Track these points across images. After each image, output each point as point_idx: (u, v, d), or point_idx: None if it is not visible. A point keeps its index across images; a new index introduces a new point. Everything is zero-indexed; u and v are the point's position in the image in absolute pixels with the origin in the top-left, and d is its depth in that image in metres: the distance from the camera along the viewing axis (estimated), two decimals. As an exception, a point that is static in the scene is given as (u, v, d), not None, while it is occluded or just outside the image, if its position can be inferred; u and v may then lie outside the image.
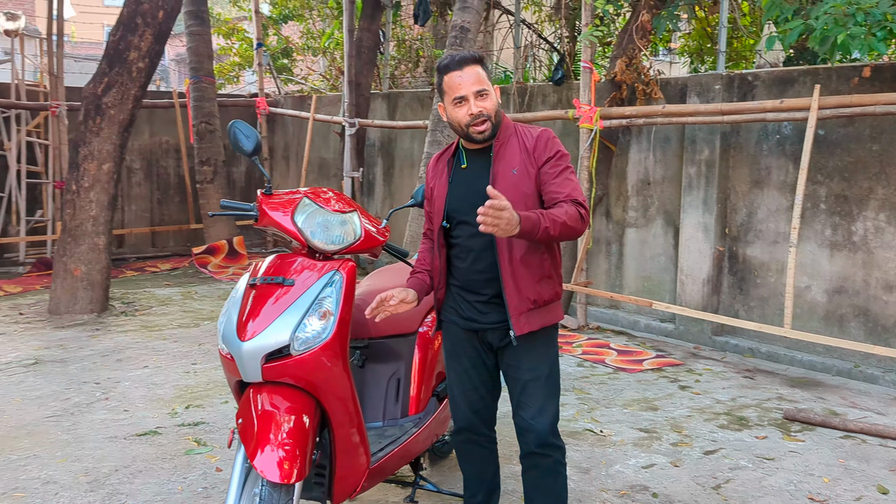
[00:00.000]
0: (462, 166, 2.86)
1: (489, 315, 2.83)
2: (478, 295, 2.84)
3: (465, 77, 2.71)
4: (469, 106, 2.71)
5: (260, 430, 2.64)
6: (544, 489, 2.84)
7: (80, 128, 6.86)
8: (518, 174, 2.74)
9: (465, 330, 2.89)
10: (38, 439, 4.22)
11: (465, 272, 2.85)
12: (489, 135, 2.74)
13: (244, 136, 3.00)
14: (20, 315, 7.02)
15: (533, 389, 2.81)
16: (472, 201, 2.65)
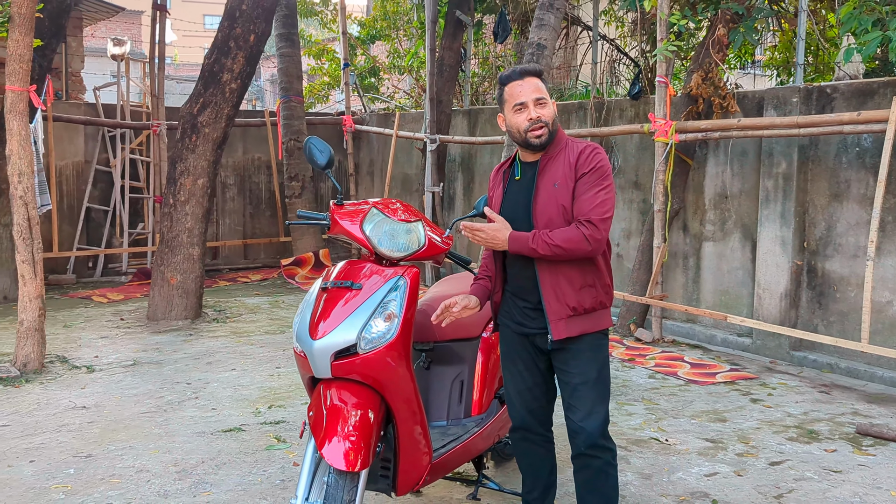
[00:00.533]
0: (516, 178, 3.04)
1: (536, 320, 3.00)
2: (525, 301, 3.02)
3: (525, 86, 2.93)
4: (528, 112, 2.90)
5: (329, 422, 2.85)
6: (594, 489, 2.97)
7: (177, 145, 7.33)
8: (559, 188, 2.91)
9: (517, 334, 3.06)
10: (134, 433, 4.56)
11: (515, 278, 3.05)
12: (545, 140, 2.92)
13: (318, 150, 3.24)
14: (121, 321, 7.51)
15: (582, 392, 2.94)
16: (518, 213, 2.96)
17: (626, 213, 8.09)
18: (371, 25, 13.67)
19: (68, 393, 5.31)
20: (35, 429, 4.61)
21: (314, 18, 13.57)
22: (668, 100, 6.77)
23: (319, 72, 14.42)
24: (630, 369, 6.06)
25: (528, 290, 2.99)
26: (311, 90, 14.32)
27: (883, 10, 5.84)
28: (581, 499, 3.01)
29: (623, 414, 4.97)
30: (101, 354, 6.30)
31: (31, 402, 5.11)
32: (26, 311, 5.71)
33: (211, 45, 7.23)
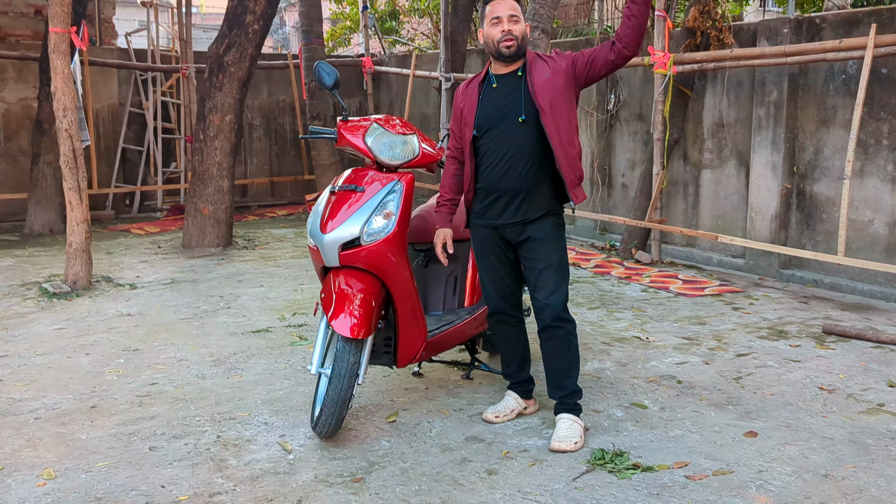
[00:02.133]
0: (493, 86, 3.48)
1: (509, 214, 3.45)
2: (501, 196, 3.45)
3: (502, 5, 3.41)
4: (502, 25, 3.38)
5: (337, 301, 3.40)
6: (560, 355, 3.50)
7: (205, 84, 7.84)
8: (551, 76, 3.38)
9: (489, 229, 3.52)
10: (174, 334, 5.17)
11: (492, 176, 3.46)
12: (514, 51, 3.38)
13: (325, 73, 3.74)
14: (158, 248, 8.13)
15: (546, 275, 3.44)
16: (501, 114, 3.42)
17: (630, 145, 8.49)
18: (390, -32, 13.97)
19: (115, 304, 5.93)
20: (88, 331, 5.24)
21: (335, -37, 13.90)
22: (667, 33, 7.13)
23: (341, 16, 14.78)
24: (625, 285, 6.56)
25: (506, 185, 3.42)
26: (333, 34, 14.72)
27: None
28: (548, 365, 3.55)
29: (611, 319, 5.49)
30: (142, 275, 6.91)
31: (82, 311, 5.74)
32: (74, 233, 6.31)
33: (235, -12, 7.68)
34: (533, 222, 3.45)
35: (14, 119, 10.04)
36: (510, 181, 3.43)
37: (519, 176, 3.41)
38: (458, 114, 3.57)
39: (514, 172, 3.42)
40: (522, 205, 3.44)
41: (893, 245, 6.19)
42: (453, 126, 3.64)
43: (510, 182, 3.43)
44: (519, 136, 3.40)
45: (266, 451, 3.40)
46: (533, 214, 3.44)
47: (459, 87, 3.63)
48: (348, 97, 12.08)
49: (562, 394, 3.52)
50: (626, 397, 4.00)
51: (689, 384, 4.19)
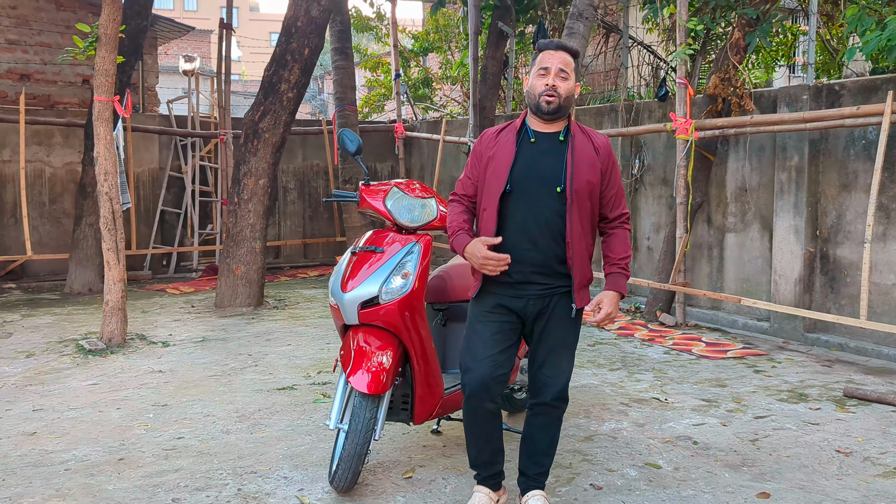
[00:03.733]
0: (531, 140, 3.21)
1: (532, 286, 3.18)
2: (523, 264, 3.15)
3: (555, 57, 3.17)
4: (548, 78, 3.14)
5: (356, 358, 3.53)
6: (546, 432, 3.31)
7: (240, 149, 8.14)
8: (589, 167, 3.13)
9: (504, 296, 3.20)
10: (202, 390, 5.31)
11: (519, 241, 3.15)
12: (553, 109, 3.12)
13: (349, 140, 3.94)
14: (192, 307, 8.34)
15: (559, 354, 3.23)
16: (539, 175, 3.15)
17: (655, 208, 8.60)
18: (424, 38, 14.42)
19: (147, 361, 6.10)
20: (120, 386, 5.41)
21: (370, 33, 14.39)
22: (689, 99, 7.29)
23: (375, 83, 15.23)
24: (648, 347, 6.59)
25: (531, 253, 3.14)
26: (368, 101, 15.15)
27: (883, 11, 6.29)
28: (531, 440, 3.34)
29: (632, 380, 5.52)
30: (175, 333, 7.10)
31: (116, 367, 5.92)
32: (111, 292, 6.54)
33: (270, 58, 8.03)
34: (556, 297, 3.20)
35: (59, 182, 10.45)
36: (540, 251, 3.16)
37: (549, 246, 3.15)
38: (484, 162, 3.26)
39: (545, 242, 3.15)
40: (550, 276, 3.19)
41: (918, 309, 6.18)
42: (470, 173, 3.34)
43: (539, 252, 3.16)
44: (554, 204, 3.12)
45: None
46: (560, 289, 3.20)
47: (486, 132, 3.36)
48: (381, 161, 12.39)
49: (538, 471, 3.34)
50: (641, 457, 4.04)
51: (705, 445, 4.21)
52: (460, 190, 3.39)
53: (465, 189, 3.38)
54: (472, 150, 3.35)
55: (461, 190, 3.39)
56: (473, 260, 3.16)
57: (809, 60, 7.05)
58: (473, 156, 3.34)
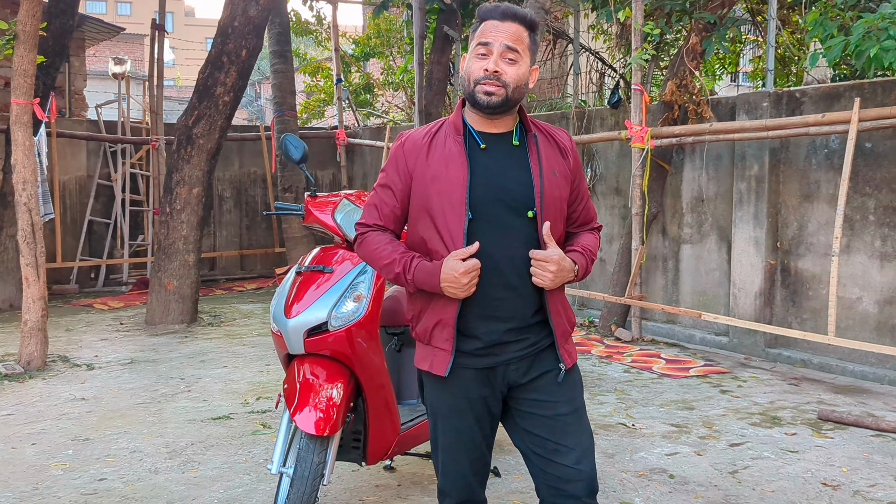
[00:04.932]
0: (480, 147, 2.31)
1: (515, 344, 2.31)
2: (496, 320, 2.28)
3: (500, 30, 2.24)
4: (489, 60, 2.24)
5: (301, 393, 3.10)
6: None
7: (173, 156, 7.61)
8: (558, 177, 2.34)
9: (477, 370, 2.31)
10: (128, 421, 4.80)
11: (487, 287, 2.26)
12: (495, 104, 2.24)
13: (293, 146, 3.52)
14: (121, 325, 7.76)
15: (573, 425, 2.32)
16: (504, 195, 2.27)
17: (607, 219, 8.33)
18: (365, 43, 14.00)
19: (69, 387, 5.55)
20: (37, 417, 4.86)
21: (309, 37, 13.90)
22: (644, 107, 7.04)
23: (315, 89, 14.74)
24: (607, 365, 6.29)
25: (508, 302, 2.28)
26: (307, 107, 14.65)
27: (846, 17, 6.12)
28: None
29: (594, 403, 5.19)
30: (101, 354, 6.54)
31: (33, 394, 5.36)
32: (30, 311, 5.96)
33: (205, 60, 7.53)
34: (546, 350, 2.34)
35: (-25, 190, 9.71)
36: (518, 297, 2.29)
37: (526, 290, 2.29)
38: (420, 179, 2.32)
39: (522, 284, 2.28)
40: (529, 329, 2.32)
41: (884, 323, 6.00)
42: (386, 195, 2.39)
43: (517, 299, 2.29)
44: (525, 232, 2.28)
45: (219, 562, 3.05)
46: (544, 342, 2.33)
47: (409, 136, 2.40)
48: (322, 169, 11.92)
49: None
50: (616, 494, 3.70)
51: (682, 479, 3.89)
52: (370, 219, 2.41)
53: (378, 218, 2.41)
54: (388, 162, 2.41)
55: (372, 219, 2.41)
56: (454, 286, 2.21)
57: (769, 66, 6.86)
58: (393, 169, 2.37)
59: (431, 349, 2.35)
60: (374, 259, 2.39)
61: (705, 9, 7.21)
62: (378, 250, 2.36)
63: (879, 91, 6.00)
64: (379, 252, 2.36)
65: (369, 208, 2.44)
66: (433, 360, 2.34)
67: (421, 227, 2.34)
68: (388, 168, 2.39)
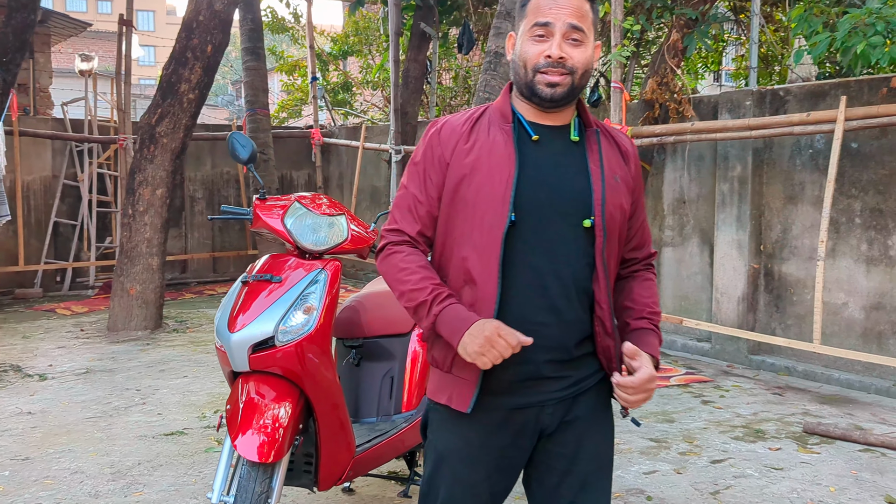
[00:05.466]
0: (532, 138, 1.94)
1: (554, 381, 1.93)
2: (534, 349, 1.85)
3: (561, 2, 1.87)
4: (551, 44, 1.87)
5: (244, 415, 2.83)
6: None
7: (136, 156, 7.31)
8: (620, 184, 1.98)
9: (505, 410, 1.93)
10: (75, 437, 4.51)
11: (526, 307, 1.89)
12: (560, 96, 1.89)
13: (240, 145, 3.25)
14: (81, 331, 7.45)
15: (596, 484, 1.98)
16: (557, 198, 1.91)
17: (588, 221, 8.09)
18: (343, 41, 13.72)
19: (17, 400, 5.25)
20: (-26, 435, 4.57)
21: (286, 34, 13.60)
22: (624, 105, 6.80)
23: (292, 87, 14.44)
24: (586, 373, 6.04)
25: (554, 333, 1.90)
26: (284, 106, 14.35)
27: (831, 13, 5.91)
28: None
29: (572, 415, 4.95)
30: (56, 363, 6.23)
31: (-26, 409, 5.06)
32: (-25, 320, 5.66)
33: (169, 55, 7.23)
34: (586, 393, 1.97)
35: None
36: (563, 324, 1.91)
37: (575, 315, 1.92)
38: (455, 172, 1.93)
39: (570, 308, 1.91)
40: (573, 364, 1.95)
41: (870, 330, 5.80)
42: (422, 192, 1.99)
43: (562, 325, 1.91)
44: (579, 245, 1.92)
45: None
46: (589, 381, 1.97)
47: (447, 122, 2.01)
48: (297, 169, 11.63)
49: None
50: (590, 518, 3.44)
51: (661, 500, 3.65)
52: (406, 225, 1.99)
53: (415, 223, 1.99)
54: (422, 153, 2.01)
55: (408, 225, 1.99)
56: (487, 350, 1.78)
57: (752, 64, 6.64)
58: (428, 159, 1.98)
59: (452, 378, 1.95)
60: (397, 279, 1.95)
61: (687, 5, 6.99)
62: (407, 271, 1.93)
63: (866, 89, 5.79)
64: (408, 274, 1.93)
65: (402, 212, 2.01)
66: (453, 391, 1.94)
67: (448, 227, 1.96)
68: (422, 159, 2.00)
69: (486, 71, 7.23)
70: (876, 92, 5.71)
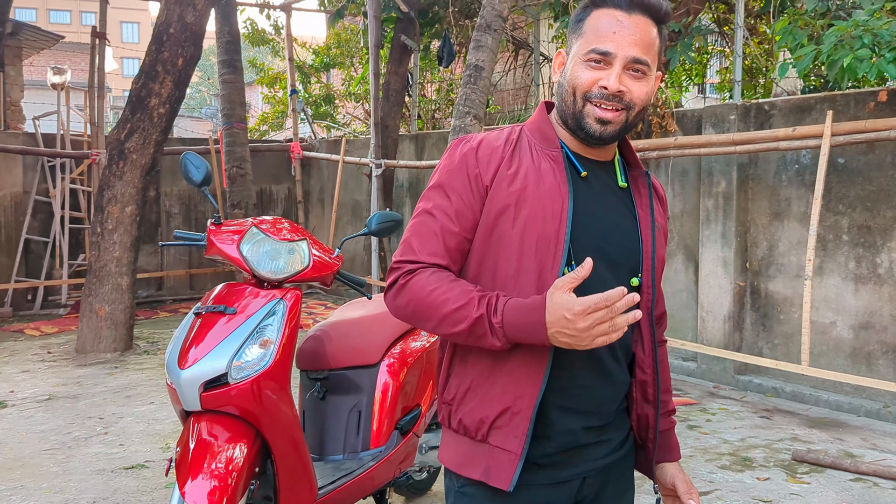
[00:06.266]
0: (580, 174, 1.69)
1: (596, 448, 1.72)
2: (579, 414, 1.68)
3: (627, 28, 1.61)
4: (610, 74, 1.61)
5: (194, 458, 2.62)
6: None
7: (104, 172, 7.09)
8: (660, 234, 1.78)
9: (549, 485, 1.68)
10: (30, 471, 4.28)
11: (574, 367, 1.65)
12: (609, 136, 1.65)
13: (194, 167, 3.04)
14: (48, 354, 7.20)
15: None
16: (600, 245, 1.67)
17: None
18: (325, 53, 13.54)
19: (-30, 431, 5.02)
20: (-79, 470, 4.33)
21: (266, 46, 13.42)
22: (607, 120, 6.64)
23: (273, 100, 14.25)
24: (568, 396, 5.86)
25: (596, 399, 1.69)
26: (265, 118, 14.16)
27: (817, 25, 5.78)
28: None
29: (553, 443, 4.76)
30: (18, 389, 5.99)
31: (-74, 441, 4.82)
32: (-69, 345, 5.42)
33: (139, 69, 7.03)
34: (623, 459, 1.78)
35: None
36: (610, 385, 1.71)
37: (620, 376, 1.73)
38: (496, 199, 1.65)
39: (617, 368, 1.72)
40: (611, 427, 1.75)
41: (859, 350, 5.64)
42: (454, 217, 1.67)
43: (609, 386, 1.71)
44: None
45: None
46: (626, 447, 1.79)
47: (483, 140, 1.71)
48: (276, 183, 11.43)
49: None
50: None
51: (645, 538, 3.46)
52: (427, 255, 1.66)
53: (441, 255, 1.67)
54: (453, 173, 1.70)
55: (430, 256, 1.66)
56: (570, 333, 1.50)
57: (736, 77, 6.50)
58: (463, 182, 1.68)
59: (488, 449, 1.65)
60: (431, 306, 1.61)
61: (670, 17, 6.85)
62: (438, 292, 1.60)
63: (852, 103, 5.65)
64: (440, 295, 1.60)
65: (424, 241, 1.67)
66: (490, 465, 1.64)
67: (482, 268, 1.67)
68: (453, 180, 1.68)
69: (466, 84, 7.06)
70: (863, 106, 5.57)
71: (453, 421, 1.72)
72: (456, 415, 1.71)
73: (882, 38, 4.90)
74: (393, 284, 1.68)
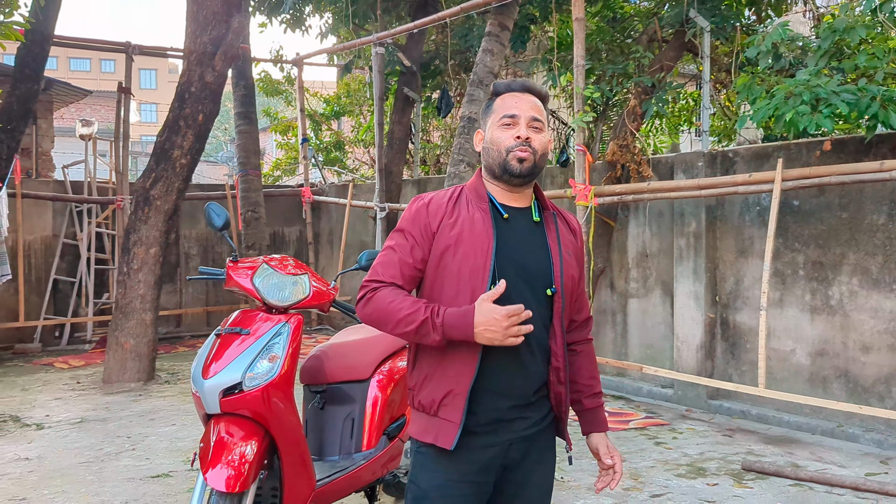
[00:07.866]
0: (503, 217, 2.33)
1: (519, 422, 2.32)
2: (505, 396, 2.29)
3: (523, 101, 2.35)
4: (519, 129, 2.30)
5: (214, 451, 3.24)
6: None
7: (131, 217, 7.79)
8: (571, 258, 2.39)
9: (480, 448, 2.28)
10: (68, 480, 4.89)
11: (500, 363, 2.27)
12: (527, 171, 2.29)
13: (216, 214, 3.70)
14: (77, 384, 7.84)
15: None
16: (526, 271, 2.29)
17: (560, 274, 8.52)
18: (335, 102, 14.33)
19: (15, 447, 5.63)
20: (-25, 479, 4.94)
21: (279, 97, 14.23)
22: (587, 166, 7.29)
23: (287, 146, 15.02)
24: (551, 418, 6.42)
25: (517, 384, 2.30)
26: (279, 164, 14.92)
27: (772, 81, 6.42)
28: None
29: (531, 456, 5.32)
30: (53, 413, 6.62)
31: (-24, 456, 5.44)
32: (-22, 372, 6.06)
33: (163, 124, 7.76)
34: (543, 431, 2.38)
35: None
36: (528, 376, 2.31)
37: (537, 368, 2.32)
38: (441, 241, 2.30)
39: (533, 362, 2.31)
40: (532, 407, 2.35)
41: (816, 374, 6.19)
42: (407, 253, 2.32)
43: (527, 377, 2.31)
44: (541, 310, 2.30)
45: None
46: (545, 422, 2.38)
47: (433, 198, 2.38)
48: (288, 226, 12.12)
49: None
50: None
51: (598, 530, 4.02)
52: (388, 277, 2.31)
53: (399, 278, 2.32)
54: (410, 222, 2.35)
55: (390, 278, 2.31)
56: (493, 329, 2.15)
57: (704, 128, 7.15)
58: (416, 227, 2.32)
59: (438, 421, 2.28)
60: (389, 312, 2.25)
61: (645, 73, 7.53)
62: (395, 303, 2.24)
63: (804, 151, 6.28)
64: (396, 304, 2.24)
65: (386, 267, 2.33)
66: (438, 432, 2.26)
67: (433, 290, 2.32)
68: (409, 226, 2.34)
69: (460, 135, 7.76)
70: (813, 154, 6.20)
71: (415, 402, 2.36)
72: (417, 397, 2.36)
73: (820, 94, 5.53)
74: (363, 297, 2.34)
